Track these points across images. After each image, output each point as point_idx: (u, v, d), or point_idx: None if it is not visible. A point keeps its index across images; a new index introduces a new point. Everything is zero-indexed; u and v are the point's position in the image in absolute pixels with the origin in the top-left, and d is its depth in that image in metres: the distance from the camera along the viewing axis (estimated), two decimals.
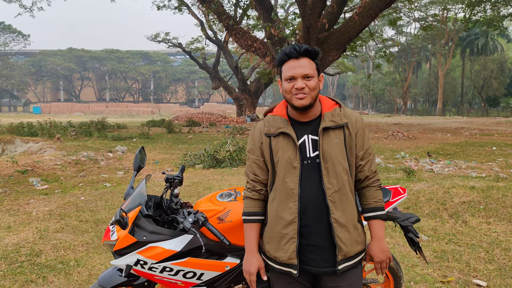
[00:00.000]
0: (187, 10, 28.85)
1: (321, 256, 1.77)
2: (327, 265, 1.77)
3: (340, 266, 1.76)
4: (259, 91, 33.63)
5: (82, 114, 61.78)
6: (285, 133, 1.79)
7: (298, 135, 1.79)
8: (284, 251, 1.78)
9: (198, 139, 16.79)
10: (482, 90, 54.74)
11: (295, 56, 1.74)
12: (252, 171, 1.91)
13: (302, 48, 1.73)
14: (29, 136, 15.27)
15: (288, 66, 1.75)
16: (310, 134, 1.79)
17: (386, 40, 37.79)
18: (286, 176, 1.78)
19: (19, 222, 5.15)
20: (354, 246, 1.78)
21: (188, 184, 7.50)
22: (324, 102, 1.86)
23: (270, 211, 1.85)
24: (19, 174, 8.01)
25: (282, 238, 1.79)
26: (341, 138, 1.78)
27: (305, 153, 1.78)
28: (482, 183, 6.12)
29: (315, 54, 1.76)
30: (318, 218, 1.76)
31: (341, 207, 1.75)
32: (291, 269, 1.78)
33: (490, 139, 15.96)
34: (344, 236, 1.75)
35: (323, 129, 1.76)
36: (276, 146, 1.81)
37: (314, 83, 1.73)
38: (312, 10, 14.34)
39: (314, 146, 1.78)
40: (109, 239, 2.16)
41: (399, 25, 49.83)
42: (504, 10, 28.89)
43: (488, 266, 3.78)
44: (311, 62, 1.75)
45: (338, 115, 1.80)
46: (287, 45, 12.59)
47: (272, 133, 1.82)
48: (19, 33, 63.79)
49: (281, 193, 1.79)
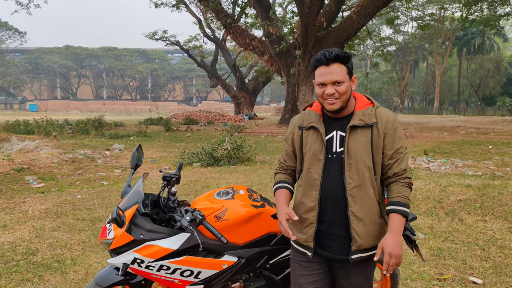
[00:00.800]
0: (185, 8, 28.78)
1: (337, 244, 1.90)
2: (341, 253, 1.90)
3: (354, 256, 1.86)
4: (257, 90, 33.62)
5: (79, 112, 61.58)
6: (315, 128, 1.93)
7: (327, 130, 1.92)
8: (304, 233, 1.95)
9: (196, 137, 16.77)
10: (479, 89, 54.89)
11: (325, 63, 1.82)
12: (282, 156, 2.15)
13: (333, 54, 1.80)
14: (26, 134, 15.22)
15: (320, 72, 1.84)
16: (339, 131, 1.89)
17: (383, 39, 37.85)
18: (311, 167, 1.92)
19: (15, 221, 5.13)
20: (369, 240, 1.86)
21: (185, 182, 7.49)
22: (359, 100, 1.94)
23: (296, 196, 2.03)
24: (15, 172, 7.98)
25: (303, 221, 1.95)
26: (368, 136, 1.85)
27: (331, 148, 1.90)
28: (478, 182, 6.14)
29: (346, 58, 1.83)
30: (337, 209, 1.88)
31: (360, 202, 1.84)
32: (307, 250, 1.95)
33: (486, 138, 16.02)
34: (360, 229, 1.84)
35: (350, 127, 1.85)
36: (306, 138, 1.96)
37: (344, 88, 1.81)
38: (310, 8, 14.35)
39: (341, 142, 1.88)
40: (106, 238, 2.15)
41: (396, 24, 49.88)
42: (500, 10, 28.98)
43: (484, 264, 3.79)
44: (341, 67, 1.82)
45: (369, 114, 1.87)
46: (285, 43, 12.49)
47: (304, 126, 1.98)
48: (15, 30, 63.43)
49: (305, 181, 1.95)
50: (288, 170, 2.12)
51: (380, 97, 74.45)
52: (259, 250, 2.29)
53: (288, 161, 2.10)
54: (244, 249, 2.27)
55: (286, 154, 2.12)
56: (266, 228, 2.35)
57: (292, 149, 2.06)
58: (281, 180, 2.10)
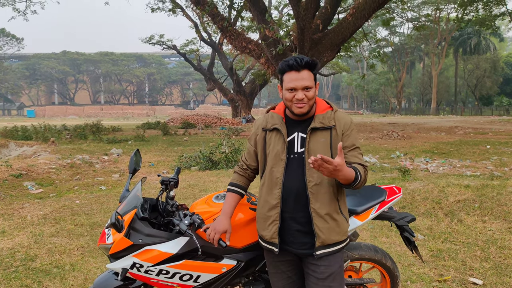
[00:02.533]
0: (181, 12, 28.83)
1: (300, 240, 2.01)
2: (305, 248, 2.00)
3: (318, 251, 1.97)
4: (254, 92, 33.62)
5: (77, 117, 61.49)
6: (278, 129, 2.03)
7: (289, 131, 2.03)
8: (268, 230, 2.04)
9: (194, 141, 16.76)
10: (476, 89, 55.06)
11: (296, 69, 1.92)
12: (244, 154, 2.28)
13: (304, 60, 1.91)
14: (24, 139, 15.18)
15: (290, 77, 1.94)
16: (300, 132, 2.01)
17: (379, 41, 37.93)
18: (274, 166, 2.02)
19: (13, 227, 5.11)
20: (332, 235, 1.97)
21: (184, 186, 7.48)
22: (319, 104, 2.06)
23: (260, 195, 2.12)
24: (14, 178, 7.96)
25: (267, 219, 2.04)
26: (327, 138, 1.97)
27: (292, 148, 2.01)
28: (477, 182, 6.15)
29: (314, 66, 1.95)
30: (299, 206, 1.99)
31: (320, 199, 1.95)
32: (273, 247, 2.04)
33: (484, 138, 16.07)
34: (322, 225, 1.95)
35: (311, 129, 1.97)
36: (269, 140, 2.07)
37: (312, 93, 1.94)
38: (306, 11, 14.38)
39: (302, 143, 1.99)
40: (105, 243, 2.14)
41: (392, 26, 50.03)
42: (496, 10, 29.10)
43: (484, 265, 3.80)
44: (310, 74, 1.94)
45: (328, 118, 1.99)
46: (281, 46, 12.44)
47: (268, 128, 2.08)
48: (12, 36, 63.30)
49: (268, 180, 2.05)
50: (247, 171, 2.25)
51: (377, 98, 74.67)
52: (258, 253, 2.29)
53: (249, 160, 2.23)
54: (243, 252, 2.26)
55: (247, 153, 2.24)
56: None
57: (254, 149, 2.19)
58: (236, 184, 2.23)
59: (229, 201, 2.17)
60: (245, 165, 2.25)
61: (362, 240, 4.34)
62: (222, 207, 2.19)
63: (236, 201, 2.18)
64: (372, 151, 12.42)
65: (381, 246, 4.28)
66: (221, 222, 2.05)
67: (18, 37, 64.02)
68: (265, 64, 18.78)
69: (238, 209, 2.28)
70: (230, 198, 2.18)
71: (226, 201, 2.17)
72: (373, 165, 9.47)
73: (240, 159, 2.31)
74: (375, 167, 9.16)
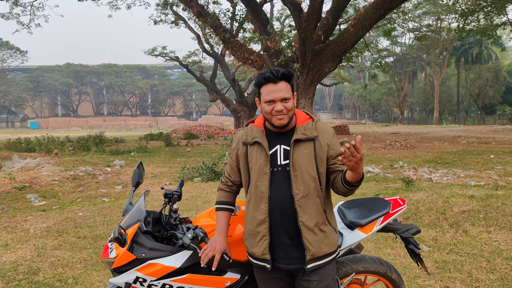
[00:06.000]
0: (183, 24, 29.08)
1: (289, 254, 1.97)
2: (295, 263, 1.97)
3: (309, 265, 1.94)
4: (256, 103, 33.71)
5: (80, 128, 61.75)
6: (259, 143, 2.00)
7: (271, 144, 2.00)
8: (258, 247, 1.99)
9: (197, 151, 16.77)
10: (478, 98, 55.05)
11: (273, 81, 1.90)
12: (227, 170, 2.22)
13: (280, 72, 1.89)
14: (27, 151, 15.23)
15: (268, 90, 1.92)
16: (283, 145, 1.98)
17: (381, 51, 38.09)
18: (258, 180, 1.98)
19: (16, 240, 5.10)
20: (321, 248, 1.95)
21: (187, 197, 7.46)
22: (299, 115, 2.04)
23: (247, 211, 2.07)
24: (17, 191, 7.97)
25: (256, 235, 2.00)
26: (311, 149, 1.95)
27: (275, 161, 1.98)
28: (481, 192, 6.11)
29: (290, 77, 1.94)
30: (287, 220, 1.95)
31: (308, 211, 1.93)
32: (265, 263, 1.99)
33: (488, 147, 16.01)
34: (311, 238, 1.93)
35: (294, 141, 1.94)
36: (251, 154, 2.02)
37: (291, 104, 1.93)
38: (308, 22, 14.48)
39: (285, 155, 1.97)
40: (108, 257, 2.13)
41: (393, 36, 50.30)
42: (497, 19, 29.24)
43: (490, 276, 3.75)
44: (287, 85, 1.93)
45: (310, 128, 1.98)
46: (283, 57, 12.53)
47: (248, 142, 2.04)
48: (16, 49, 64.00)
49: (254, 195, 2.00)
50: (232, 187, 2.21)
51: (380, 108, 74.75)
52: None
53: (232, 176, 2.19)
54: (247, 265, 2.24)
55: (230, 168, 2.19)
56: None
57: (236, 164, 2.15)
58: (224, 201, 2.18)
59: (222, 220, 2.13)
60: (230, 181, 2.21)
61: (366, 252, 4.31)
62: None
63: (228, 218, 2.16)
64: (375, 161, 12.38)
65: (386, 257, 4.25)
66: (219, 242, 2.03)
67: (22, 50, 64.75)
68: None
69: (239, 222, 2.27)
70: (222, 217, 2.14)
71: (218, 220, 2.13)
72: (376, 175, 9.44)
73: (223, 175, 2.27)
74: (378, 177, 9.13)
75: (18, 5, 23.31)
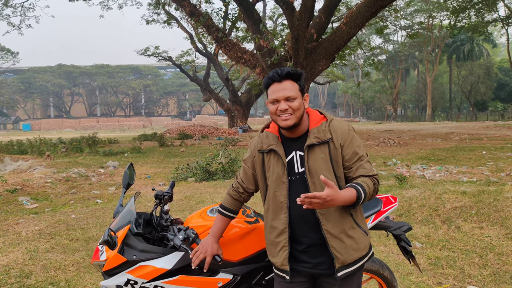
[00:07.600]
0: (176, 24, 29.00)
1: (318, 260, 1.88)
2: (322, 268, 1.88)
3: (340, 273, 1.84)
4: (250, 102, 33.73)
5: (73, 130, 61.37)
6: (275, 151, 1.91)
7: (287, 151, 1.91)
8: (278, 257, 1.93)
9: (190, 151, 16.72)
10: (470, 95, 55.45)
11: (277, 80, 1.84)
12: (240, 176, 2.12)
13: (284, 71, 1.83)
14: (19, 154, 15.12)
15: (272, 90, 1.85)
16: (298, 151, 1.89)
17: (374, 49, 38.22)
18: (276, 190, 1.91)
19: (8, 243, 5.05)
20: (350, 254, 1.84)
21: (180, 198, 7.44)
22: (313, 116, 1.93)
23: (266, 221, 2.00)
24: (9, 194, 7.89)
25: (276, 245, 1.94)
26: (326, 153, 1.84)
27: (293, 169, 1.89)
28: (473, 188, 6.15)
29: (298, 76, 1.85)
30: (310, 229, 1.87)
31: (331, 219, 1.82)
32: (285, 274, 1.92)
33: (480, 143, 16.13)
34: (339, 246, 1.83)
35: (308, 146, 1.85)
36: (268, 162, 1.94)
37: (297, 103, 1.82)
38: (300, 21, 14.49)
39: (301, 162, 1.87)
40: (98, 260, 2.11)
41: (386, 34, 50.51)
42: (488, 16, 29.47)
43: (482, 272, 3.78)
44: (293, 84, 1.84)
45: (323, 130, 1.86)
46: (276, 56, 12.51)
47: (264, 150, 1.95)
48: (7, 50, 63.40)
49: (273, 205, 1.93)
50: (243, 194, 2.11)
51: (373, 105, 75.00)
52: (254, 267, 2.26)
53: (246, 183, 2.09)
54: (239, 266, 2.24)
55: (245, 174, 2.09)
56: (261, 244, 2.32)
57: (252, 172, 2.06)
58: (228, 208, 2.11)
59: (220, 224, 2.10)
60: (242, 188, 2.11)
61: None
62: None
63: (226, 224, 2.12)
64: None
65: (378, 255, 4.26)
66: (211, 244, 2.02)
67: (13, 51, 64.13)
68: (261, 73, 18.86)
69: (233, 222, 2.26)
70: (220, 221, 2.10)
71: (216, 223, 2.10)
72: None
73: (235, 180, 2.16)
74: None
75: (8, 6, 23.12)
